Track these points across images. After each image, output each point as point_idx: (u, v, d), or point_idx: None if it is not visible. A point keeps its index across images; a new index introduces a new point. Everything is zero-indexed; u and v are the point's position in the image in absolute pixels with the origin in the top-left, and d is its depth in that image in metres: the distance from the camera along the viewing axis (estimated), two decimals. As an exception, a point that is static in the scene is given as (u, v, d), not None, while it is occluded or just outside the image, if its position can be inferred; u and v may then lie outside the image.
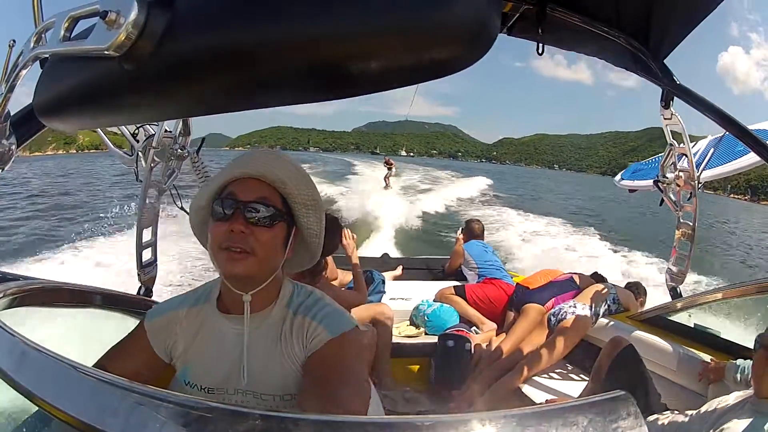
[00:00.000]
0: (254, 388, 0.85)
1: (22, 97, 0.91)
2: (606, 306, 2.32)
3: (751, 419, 1.10)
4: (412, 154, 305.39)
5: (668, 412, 1.45)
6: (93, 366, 0.84)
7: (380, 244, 8.17)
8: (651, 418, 1.42)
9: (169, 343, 0.90)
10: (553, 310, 2.41)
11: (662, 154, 2.25)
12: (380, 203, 11.80)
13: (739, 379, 1.99)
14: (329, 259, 2.73)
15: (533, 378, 2.18)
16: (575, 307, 2.31)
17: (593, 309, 2.29)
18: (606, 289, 2.41)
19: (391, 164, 19.12)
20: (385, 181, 18.31)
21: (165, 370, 0.92)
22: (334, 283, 2.60)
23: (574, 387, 2.13)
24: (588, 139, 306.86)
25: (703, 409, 1.31)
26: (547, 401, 2.02)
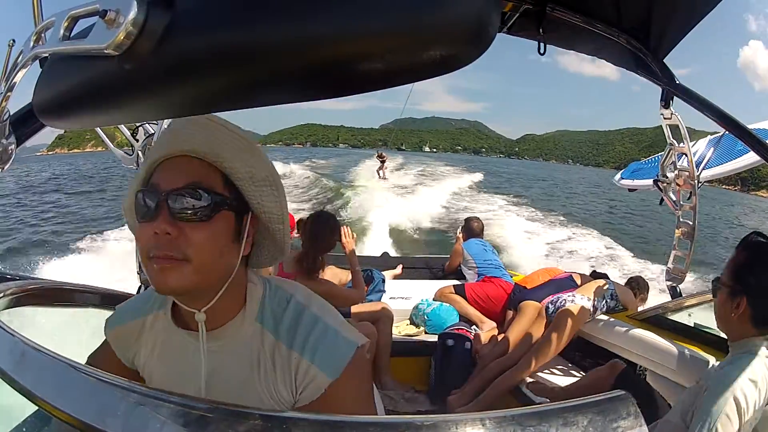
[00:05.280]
0: None
1: (21, 97, 0.92)
2: (604, 302, 2.32)
3: (736, 361, 1.10)
4: (435, 150, 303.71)
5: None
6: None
7: (379, 240, 8.24)
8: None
9: (130, 355, 0.79)
10: (551, 299, 2.40)
11: (662, 153, 2.25)
12: (378, 198, 12.05)
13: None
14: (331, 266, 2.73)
15: (531, 375, 2.18)
16: (574, 297, 2.30)
17: (591, 301, 2.29)
18: (605, 284, 2.41)
19: (384, 158, 20.03)
20: (378, 173, 19.28)
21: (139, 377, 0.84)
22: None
23: (569, 384, 2.12)
24: (606, 135, 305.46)
25: (689, 386, 1.31)
26: (529, 383, 2.02)
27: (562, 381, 2.18)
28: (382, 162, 19.71)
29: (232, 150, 0.64)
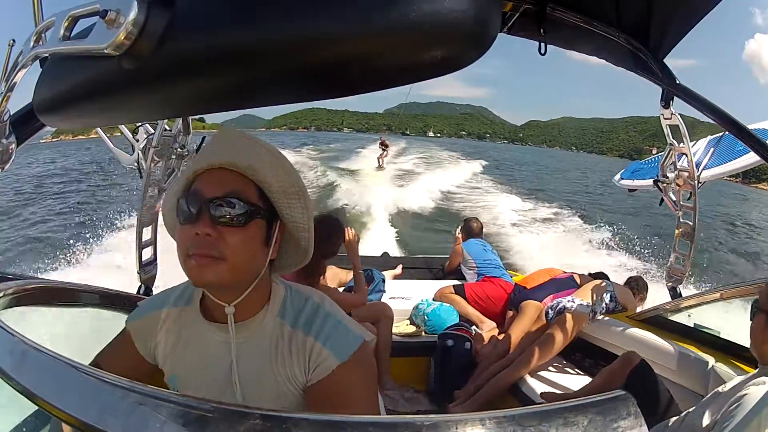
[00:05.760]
0: (248, 404, 0.78)
1: (22, 97, 0.91)
2: (603, 303, 2.32)
3: (762, 388, 1.08)
4: (439, 135, 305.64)
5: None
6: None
7: (378, 232, 8.28)
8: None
9: (151, 345, 0.84)
10: (550, 304, 2.41)
11: (662, 153, 2.25)
12: (377, 189, 12.14)
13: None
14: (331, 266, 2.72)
15: (530, 375, 2.18)
16: (573, 301, 2.31)
17: (591, 304, 2.29)
18: (604, 284, 2.41)
19: (387, 145, 18.90)
20: (379, 161, 18.20)
21: (155, 371, 0.87)
22: (331, 285, 2.60)
23: (569, 384, 2.13)
24: (610, 123, 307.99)
25: (708, 395, 1.30)
26: (542, 394, 2.02)
27: (563, 381, 2.18)
28: (384, 149, 18.54)
29: (266, 165, 0.72)
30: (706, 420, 1.18)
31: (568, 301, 2.32)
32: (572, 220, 10.98)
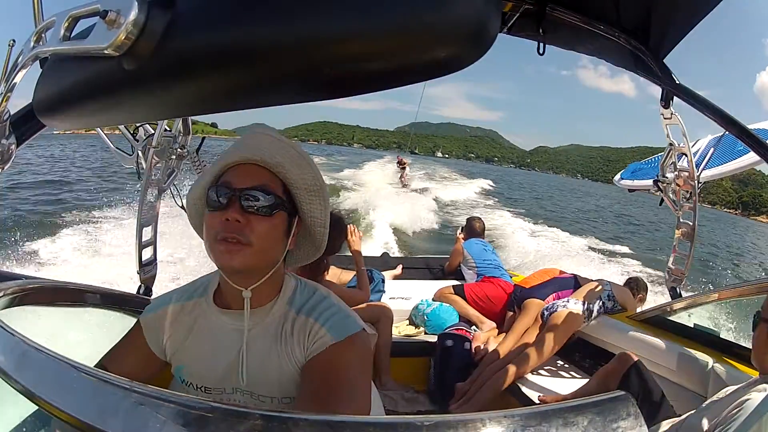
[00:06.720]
0: (252, 389, 0.82)
1: (22, 97, 0.89)
2: (600, 302, 2.32)
3: (763, 395, 1.08)
4: (447, 156, 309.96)
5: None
6: (94, 366, 0.83)
7: (381, 242, 8.30)
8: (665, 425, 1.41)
9: (162, 338, 0.87)
10: (546, 306, 2.42)
11: (662, 153, 2.25)
12: (386, 202, 12.15)
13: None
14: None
15: (527, 375, 2.18)
16: (567, 302, 2.31)
17: (586, 305, 2.28)
18: (601, 287, 2.40)
19: (405, 163, 18.74)
20: (401, 181, 17.92)
21: (164, 367, 0.90)
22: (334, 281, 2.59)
23: (569, 384, 2.13)
24: (617, 152, 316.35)
25: (709, 400, 1.31)
26: (539, 398, 2.02)
27: (564, 382, 2.18)
28: (403, 168, 18.27)
29: (292, 164, 0.78)
30: (705, 424, 1.18)
31: (563, 302, 2.32)
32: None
